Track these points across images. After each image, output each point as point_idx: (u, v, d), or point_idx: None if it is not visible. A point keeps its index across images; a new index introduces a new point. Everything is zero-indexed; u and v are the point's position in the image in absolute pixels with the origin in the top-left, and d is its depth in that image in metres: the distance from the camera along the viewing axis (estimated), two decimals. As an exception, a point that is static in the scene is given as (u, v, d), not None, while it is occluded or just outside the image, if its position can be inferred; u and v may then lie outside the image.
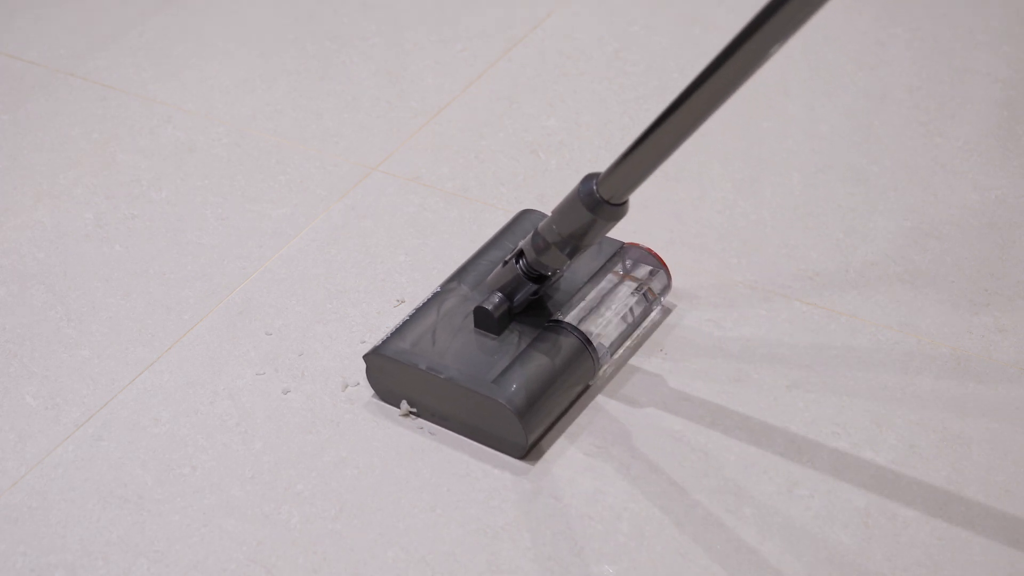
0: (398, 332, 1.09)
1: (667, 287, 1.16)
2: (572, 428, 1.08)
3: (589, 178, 1.01)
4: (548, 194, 1.31)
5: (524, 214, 1.21)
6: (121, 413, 1.11)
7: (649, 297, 1.15)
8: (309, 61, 1.50)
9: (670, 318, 1.17)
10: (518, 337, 1.09)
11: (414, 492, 1.04)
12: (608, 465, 1.05)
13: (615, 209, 1.01)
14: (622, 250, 1.17)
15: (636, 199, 1.31)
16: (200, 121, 1.42)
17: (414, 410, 1.09)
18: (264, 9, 1.58)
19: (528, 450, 1.05)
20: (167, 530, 1.01)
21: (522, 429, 1.03)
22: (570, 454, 1.06)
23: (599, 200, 1.01)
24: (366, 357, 1.09)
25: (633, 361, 1.13)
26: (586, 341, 1.08)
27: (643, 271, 1.15)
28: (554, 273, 1.08)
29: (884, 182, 1.33)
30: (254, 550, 1.00)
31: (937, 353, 1.14)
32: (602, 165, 1.35)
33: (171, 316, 1.19)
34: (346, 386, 1.12)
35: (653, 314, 1.16)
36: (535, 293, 1.10)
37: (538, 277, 1.09)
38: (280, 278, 1.23)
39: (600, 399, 1.10)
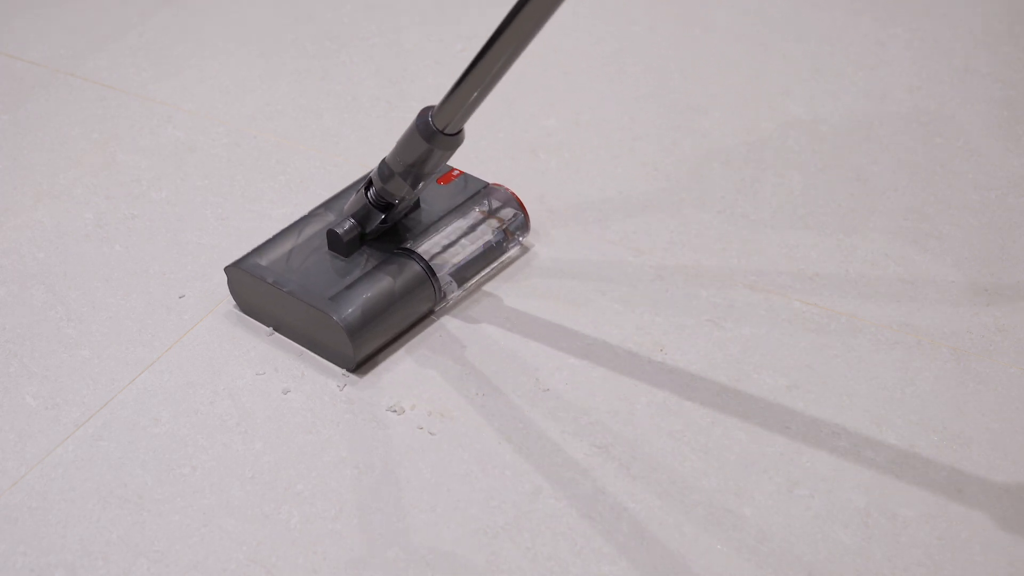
0: (259, 249, 1.17)
1: (525, 228, 1.22)
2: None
3: (426, 111, 1.08)
4: (548, 194, 1.31)
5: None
6: (121, 413, 1.11)
7: (506, 237, 1.20)
8: (309, 61, 1.50)
9: (526, 255, 1.23)
10: (365, 260, 1.15)
11: (414, 492, 1.04)
12: (608, 465, 1.05)
13: (451, 139, 1.08)
14: (485, 190, 1.23)
15: (637, 201, 1.31)
16: (200, 121, 1.42)
17: (269, 329, 1.16)
18: (264, 9, 1.58)
19: (359, 364, 1.12)
20: (167, 530, 1.01)
21: (351, 344, 1.10)
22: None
23: (434, 130, 1.07)
24: (226, 269, 1.17)
25: (487, 288, 1.19)
26: (429, 270, 1.14)
27: (505, 212, 1.21)
28: (401, 201, 1.14)
29: (884, 182, 1.33)
30: (254, 550, 1.00)
31: (937, 353, 1.14)
32: (602, 165, 1.35)
33: (171, 316, 1.19)
34: (345, 385, 1.12)
35: (509, 252, 1.21)
36: (385, 221, 1.15)
37: (385, 205, 1.15)
38: (280, 278, 1.23)
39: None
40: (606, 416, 1.09)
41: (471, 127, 1.41)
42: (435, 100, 1.43)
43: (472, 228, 1.19)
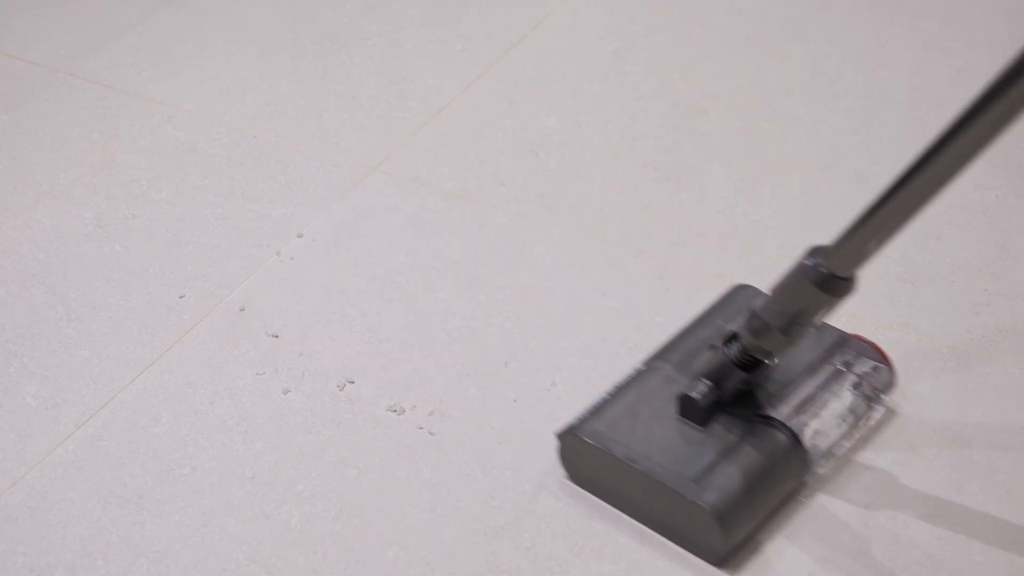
0: (596, 412, 1.02)
1: (891, 384, 1.07)
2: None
3: (814, 251, 0.92)
4: (548, 194, 1.31)
5: (738, 290, 1.12)
6: (121, 413, 1.11)
7: (871, 397, 1.06)
8: (309, 61, 1.50)
9: (896, 421, 1.08)
10: (723, 431, 0.99)
11: (414, 492, 1.04)
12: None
13: (844, 284, 0.91)
14: (842, 341, 1.07)
15: (637, 201, 1.31)
16: (200, 121, 1.42)
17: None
18: (264, 9, 1.58)
19: (726, 557, 0.97)
20: (167, 530, 1.01)
21: (721, 534, 0.95)
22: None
23: (828, 275, 0.90)
24: (560, 436, 1.02)
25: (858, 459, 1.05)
26: (796, 441, 0.99)
27: (865, 366, 1.06)
28: (769, 361, 0.98)
29: (884, 182, 1.33)
30: (254, 550, 1.00)
31: (937, 353, 1.14)
32: (602, 165, 1.35)
33: (171, 316, 1.19)
34: (345, 385, 1.12)
35: (875, 416, 1.07)
36: (746, 382, 1.00)
37: (751, 364, 0.98)
38: (280, 278, 1.23)
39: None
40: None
41: (470, 128, 1.41)
42: (435, 100, 1.44)
43: (833, 388, 1.03)
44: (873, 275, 1.22)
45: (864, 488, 1.02)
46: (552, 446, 1.06)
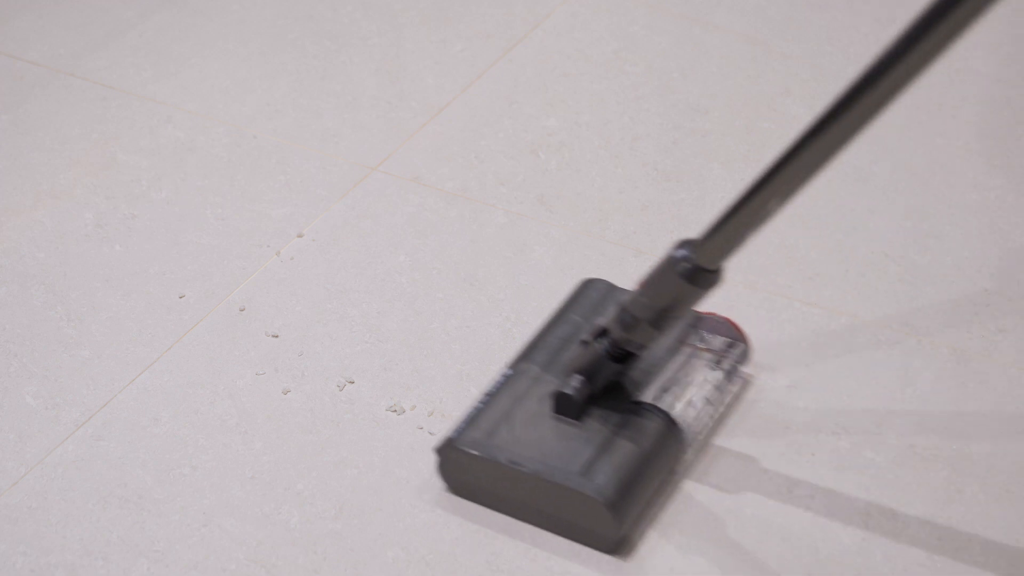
0: (472, 421, 1.02)
1: (746, 358, 1.10)
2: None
3: (681, 245, 0.93)
4: (548, 194, 1.31)
5: (588, 284, 1.14)
6: (121, 413, 1.11)
7: (730, 371, 1.08)
8: (309, 61, 1.50)
9: (751, 393, 1.10)
10: (600, 422, 1.01)
11: (414, 492, 1.04)
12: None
13: (711, 276, 0.93)
14: (697, 321, 1.09)
15: (637, 201, 1.31)
16: (200, 121, 1.42)
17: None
18: (264, 9, 1.58)
19: (619, 543, 0.98)
20: (167, 530, 1.01)
21: (613, 522, 0.96)
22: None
23: (696, 268, 0.92)
24: (438, 450, 1.02)
25: (717, 442, 1.07)
26: (671, 423, 1.01)
27: (721, 343, 1.09)
28: (639, 352, 1.00)
29: (884, 182, 1.33)
30: (254, 550, 1.00)
31: (937, 353, 1.14)
32: (602, 165, 1.35)
33: (171, 316, 1.19)
34: (345, 385, 1.12)
35: (734, 389, 1.10)
36: (619, 374, 1.02)
37: (622, 356, 1.00)
38: (280, 278, 1.23)
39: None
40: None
41: (470, 128, 1.41)
42: (436, 101, 1.44)
43: (694, 366, 1.06)
44: (873, 275, 1.22)
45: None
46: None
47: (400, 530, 1.01)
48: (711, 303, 1.07)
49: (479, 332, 1.17)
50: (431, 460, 1.06)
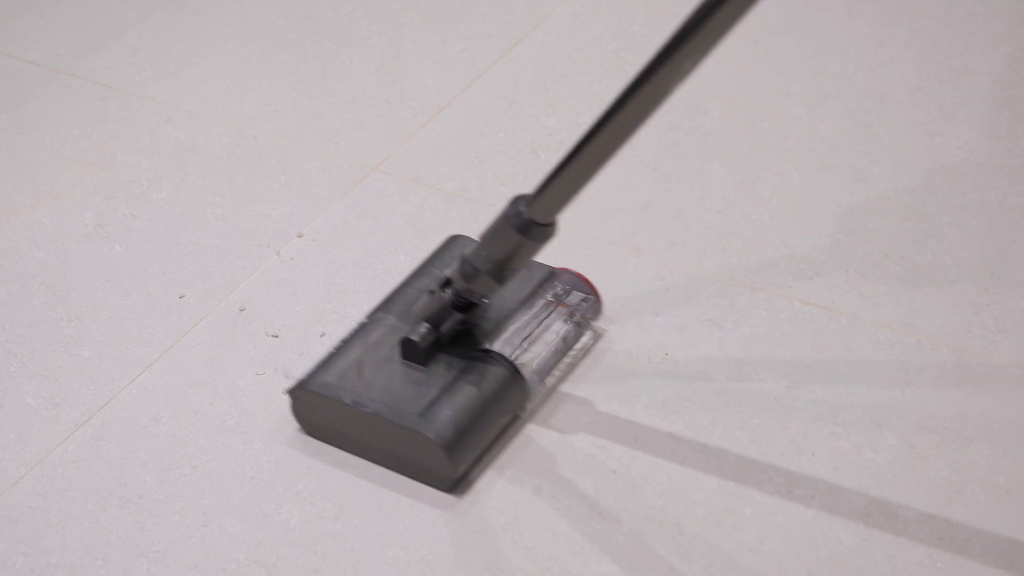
0: (323, 365, 1.06)
1: (598, 313, 1.14)
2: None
3: (516, 200, 0.98)
4: (548, 194, 1.31)
5: (453, 240, 1.18)
6: (121, 413, 1.11)
7: (581, 324, 1.12)
8: (309, 61, 1.50)
9: (602, 343, 1.14)
10: (445, 368, 1.05)
11: (414, 492, 1.04)
12: (608, 465, 1.05)
13: (545, 230, 0.98)
14: (552, 276, 1.14)
15: (636, 201, 1.31)
16: (200, 121, 1.42)
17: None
18: (264, 9, 1.58)
19: (456, 483, 1.03)
20: (167, 530, 1.01)
21: (449, 462, 1.00)
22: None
23: (529, 221, 0.97)
24: (290, 392, 1.06)
25: (564, 388, 1.11)
26: (515, 371, 1.06)
27: (574, 298, 1.13)
28: (482, 301, 1.06)
29: (884, 182, 1.33)
30: (254, 550, 1.00)
31: (937, 353, 1.14)
32: (602, 165, 1.35)
33: (171, 316, 1.19)
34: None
35: (584, 340, 1.14)
36: (463, 322, 1.07)
37: (466, 305, 1.06)
38: (280, 278, 1.23)
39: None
40: (606, 416, 1.09)
41: (470, 128, 1.41)
42: (436, 101, 1.43)
43: (545, 318, 1.10)
44: (873, 275, 1.22)
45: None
46: (554, 445, 1.06)
47: (400, 530, 1.01)
48: (707, 297, 1.07)
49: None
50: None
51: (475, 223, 1.28)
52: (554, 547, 1.00)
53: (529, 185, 1.33)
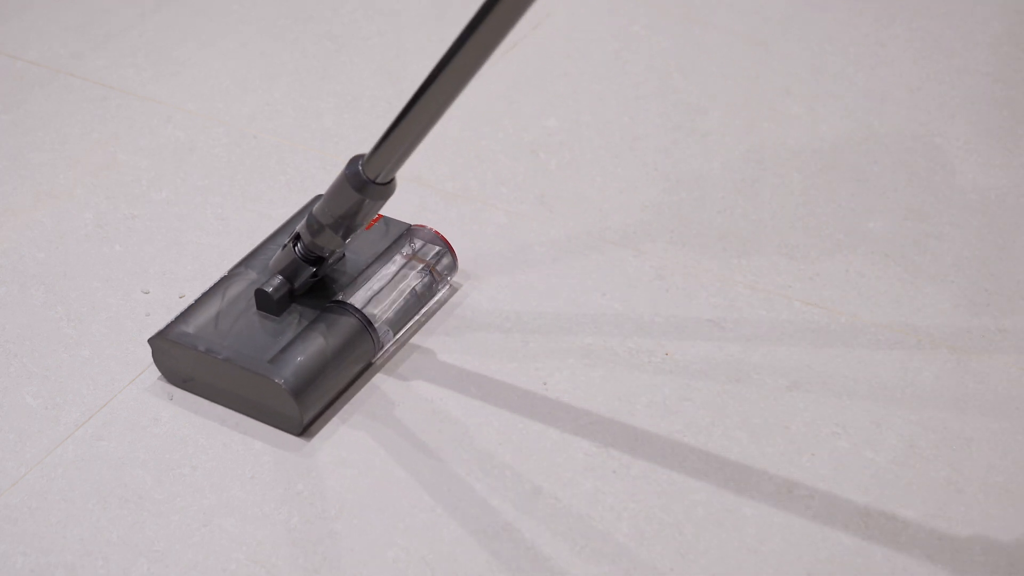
0: (182, 316, 1.12)
1: (453, 268, 1.19)
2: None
3: (355, 160, 1.04)
4: (548, 194, 1.31)
5: (317, 199, 1.21)
6: (121, 413, 1.11)
7: (435, 278, 1.17)
8: (309, 61, 1.50)
9: (455, 297, 1.19)
10: (298, 318, 1.11)
11: (414, 492, 1.04)
12: (608, 465, 1.05)
13: (382, 188, 1.04)
14: (408, 232, 1.19)
15: (637, 201, 1.31)
16: (200, 121, 1.42)
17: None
18: (264, 9, 1.58)
19: (305, 427, 1.07)
20: (167, 530, 1.01)
21: (297, 407, 1.05)
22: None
23: (365, 180, 1.03)
24: (151, 341, 1.11)
25: (415, 340, 1.15)
26: (366, 321, 1.11)
27: (430, 252, 1.17)
28: (331, 255, 1.11)
29: (884, 182, 1.33)
30: (254, 550, 1.00)
31: (937, 353, 1.14)
32: (602, 165, 1.35)
33: (171, 316, 1.19)
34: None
35: (439, 295, 1.18)
36: (315, 275, 1.12)
37: (315, 259, 1.11)
38: (280, 278, 1.23)
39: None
40: (606, 416, 1.09)
41: (470, 128, 1.40)
42: (435, 100, 1.43)
43: (400, 273, 1.15)
44: (873, 275, 1.22)
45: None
46: (553, 445, 1.06)
47: (400, 530, 1.01)
48: (701, 289, 1.06)
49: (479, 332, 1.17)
50: (431, 460, 1.06)
51: (475, 223, 1.28)
52: (554, 547, 0.99)
53: (529, 185, 1.33)
